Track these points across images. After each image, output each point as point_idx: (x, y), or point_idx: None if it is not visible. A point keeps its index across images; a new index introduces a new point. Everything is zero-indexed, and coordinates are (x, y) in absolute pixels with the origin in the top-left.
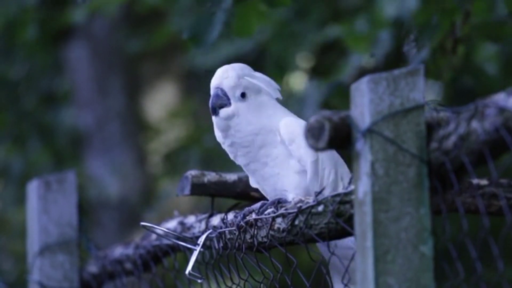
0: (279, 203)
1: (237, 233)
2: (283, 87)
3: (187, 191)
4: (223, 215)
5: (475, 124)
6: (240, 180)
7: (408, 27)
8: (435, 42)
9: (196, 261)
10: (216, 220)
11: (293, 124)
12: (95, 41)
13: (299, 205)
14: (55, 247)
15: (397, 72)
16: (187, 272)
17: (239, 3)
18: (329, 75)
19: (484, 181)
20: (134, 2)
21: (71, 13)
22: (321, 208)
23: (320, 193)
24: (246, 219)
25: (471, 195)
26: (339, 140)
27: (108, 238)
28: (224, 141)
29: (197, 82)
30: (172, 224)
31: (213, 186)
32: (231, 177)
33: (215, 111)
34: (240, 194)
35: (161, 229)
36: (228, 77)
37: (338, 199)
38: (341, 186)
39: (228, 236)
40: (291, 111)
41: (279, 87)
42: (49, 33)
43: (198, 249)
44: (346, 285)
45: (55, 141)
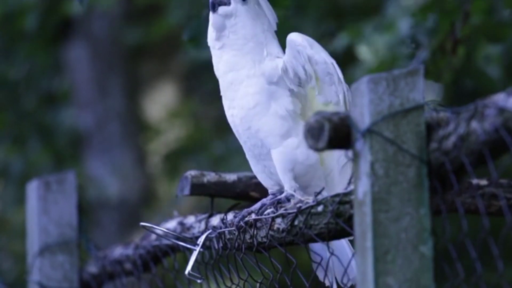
0: (278, 203)
1: (236, 233)
2: None
3: (187, 191)
4: (222, 215)
5: (475, 124)
6: (239, 180)
7: (420, 42)
8: (435, 43)
9: (195, 261)
10: (215, 220)
11: (303, 35)
12: (95, 41)
13: (298, 205)
14: (55, 248)
15: (396, 72)
16: (186, 272)
17: None
18: None
19: (484, 182)
20: None
21: (70, 5)
22: (320, 208)
23: (319, 193)
24: (245, 220)
25: (471, 195)
26: (339, 140)
27: (108, 238)
28: (215, 44)
29: (197, 82)
30: (171, 224)
31: (213, 186)
32: (231, 177)
33: (214, 7)
34: (239, 194)
35: (160, 229)
36: None
37: (337, 199)
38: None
39: (227, 236)
40: None
41: (277, 21)
42: (48, 25)
43: (197, 249)
44: (346, 285)
45: (55, 141)
